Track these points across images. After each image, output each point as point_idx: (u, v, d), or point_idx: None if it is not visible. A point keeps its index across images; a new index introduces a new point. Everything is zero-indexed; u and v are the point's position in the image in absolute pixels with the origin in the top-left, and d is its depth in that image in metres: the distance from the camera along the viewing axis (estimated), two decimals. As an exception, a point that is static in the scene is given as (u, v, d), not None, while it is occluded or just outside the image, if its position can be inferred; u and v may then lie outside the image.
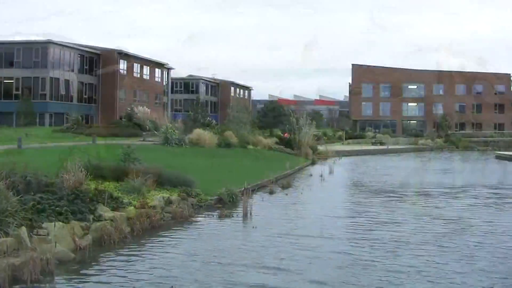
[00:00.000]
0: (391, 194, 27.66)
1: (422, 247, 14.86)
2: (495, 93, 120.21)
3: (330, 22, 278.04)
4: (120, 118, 68.20)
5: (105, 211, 15.41)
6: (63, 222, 13.58)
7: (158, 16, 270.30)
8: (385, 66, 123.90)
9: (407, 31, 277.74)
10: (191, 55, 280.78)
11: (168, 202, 19.09)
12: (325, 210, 21.45)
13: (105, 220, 14.97)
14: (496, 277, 11.82)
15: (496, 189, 30.37)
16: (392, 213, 21.43)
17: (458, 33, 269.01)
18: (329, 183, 31.92)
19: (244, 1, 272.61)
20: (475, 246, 14.88)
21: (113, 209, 16.00)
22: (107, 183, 19.14)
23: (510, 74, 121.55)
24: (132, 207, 16.89)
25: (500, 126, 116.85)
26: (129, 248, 14.08)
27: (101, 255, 13.31)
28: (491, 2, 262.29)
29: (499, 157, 64.18)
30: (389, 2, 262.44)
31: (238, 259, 13.13)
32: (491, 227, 18.04)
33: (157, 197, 18.71)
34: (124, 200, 17.15)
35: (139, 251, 13.88)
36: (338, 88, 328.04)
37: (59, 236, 12.89)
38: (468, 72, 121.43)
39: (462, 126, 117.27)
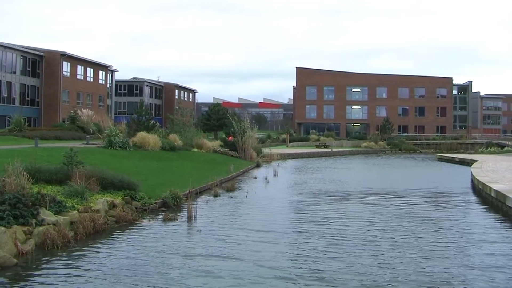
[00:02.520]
0: (334, 194, 28.31)
1: (364, 239, 15.58)
2: (437, 97, 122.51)
3: (273, 26, 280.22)
4: (64, 121, 67.41)
5: (48, 215, 15.28)
6: (4, 226, 13.43)
7: (102, 18, 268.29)
8: (329, 69, 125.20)
9: (350, 35, 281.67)
10: (135, 57, 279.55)
11: (112, 205, 19.04)
12: (269, 212, 21.68)
13: (48, 224, 14.86)
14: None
15: (436, 188, 31.09)
16: (336, 211, 22.25)
17: (401, 38, 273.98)
18: (274, 186, 32.18)
19: (186, 5, 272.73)
20: (416, 240, 15.37)
21: (56, 213, 15.89)
22: (50, 186, 18.92)
23: (451, 78, 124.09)
24: (76, 211, 16.77)
25: (442, 129, 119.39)
26: (72, 252, 14.00)
27: (44, 259, 13.20)
28: (429, 9, 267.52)
29: (441, 159, 65.81)
30: (331, 7, 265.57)
31: (183, 259, 13.21)
32: (432, 224, 18.57)
33: (100, 201, 18.61)
34: (67, 204, 17.00)
35: (83, 255, 13.80)
36: (283, 91, 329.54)
37: (1, 241, 12.76)
38: (411, 75, 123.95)
39: (405, 129, 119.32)
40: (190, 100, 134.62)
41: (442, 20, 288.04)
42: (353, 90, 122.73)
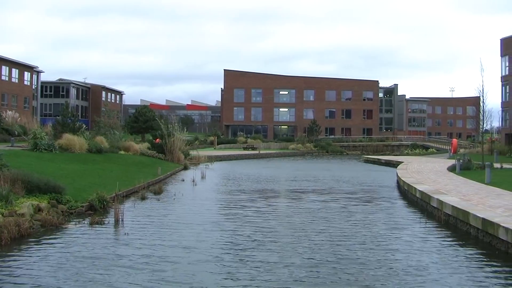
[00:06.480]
0: (261, 193, 29.38)
1: (285, 231, 16.04)
2: (364, 100, 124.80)
3: (194, 30, 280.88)
4: (-14, 123, 65.96)
5: (-28, 220, 15.09)
6: None
7: (25, 21, 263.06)
8: (257, 72, 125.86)
9: (270, 40, 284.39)
10: (60, 59, 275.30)
11: (38, 209, 18.86)
12: (197, 214, 21.87)
13: (-28, 229, 14.68)
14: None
15: (362, 190, 31.75)
16: (259, 208, 23.61)
17: (321, 43, 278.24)
18: (201, 188, 32.32)
19: (107, 9, 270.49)
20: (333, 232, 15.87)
21: (-20, 217, 15.69)
22: (-27, 191, 18.68)
23: (378, 81, 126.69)
24: (0, 215, 16.59)
25: (368, 131, 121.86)
26: (-3, 256, 13.88)
27: (-32, 264, 13.06)
28: (346, 15, 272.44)
29: (367, 161, 67.30)
30: (251, 13, 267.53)
31: (109, 262, 13.26)
32: (354, 220, 19.15)
33: (26, 205, 18.41)
34: (-9, 208, 16.82)
35: (7, 260, 13.68)
36: (209, 93, 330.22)
37: None
38: (338, 78, 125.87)
39: (332, 131, 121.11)
40: (117, 102, 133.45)
41: (360, 26, 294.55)
42: (281, 92, 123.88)
